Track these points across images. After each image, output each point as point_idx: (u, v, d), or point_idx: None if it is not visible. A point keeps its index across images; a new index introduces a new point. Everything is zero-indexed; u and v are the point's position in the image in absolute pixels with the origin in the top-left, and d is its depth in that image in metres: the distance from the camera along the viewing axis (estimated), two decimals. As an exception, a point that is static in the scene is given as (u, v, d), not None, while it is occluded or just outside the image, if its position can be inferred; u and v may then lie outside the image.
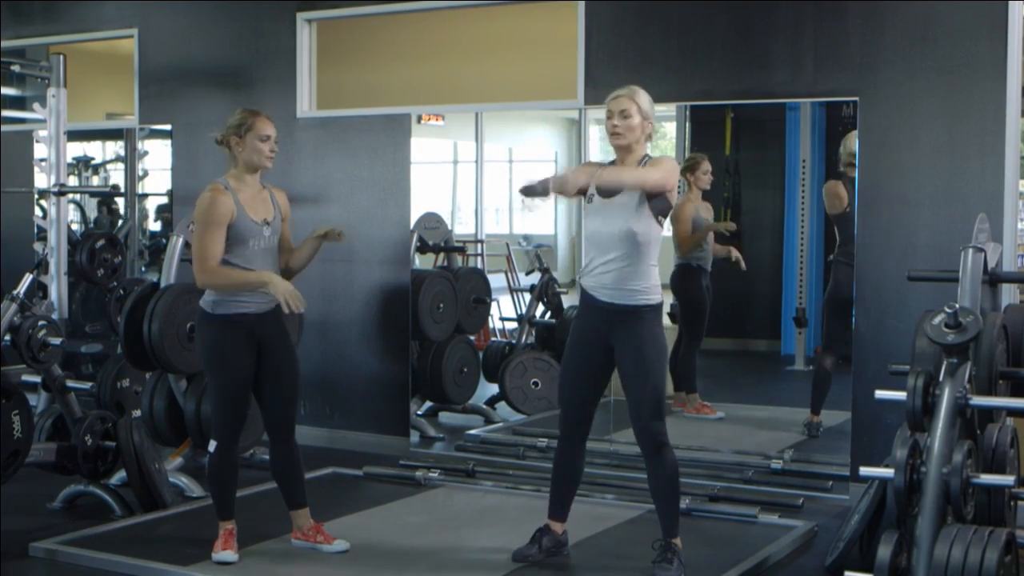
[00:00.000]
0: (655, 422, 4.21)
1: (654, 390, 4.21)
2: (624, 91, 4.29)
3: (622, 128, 4.24)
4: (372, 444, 6.51)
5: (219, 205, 4.25)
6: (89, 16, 7.57)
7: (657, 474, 4.25)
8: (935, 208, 5.18)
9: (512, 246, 9.13)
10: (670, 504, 4.27)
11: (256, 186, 4.41)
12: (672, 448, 4.27)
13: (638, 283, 4.19)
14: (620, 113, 4.24)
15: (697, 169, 6.65)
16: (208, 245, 4.24)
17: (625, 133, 4.24)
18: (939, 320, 3.63)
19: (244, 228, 4.28)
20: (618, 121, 4.24)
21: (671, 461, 4.24)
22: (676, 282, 6.80)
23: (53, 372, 5.32)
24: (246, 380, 4.37)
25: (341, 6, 6.74)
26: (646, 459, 4.27)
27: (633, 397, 4.23)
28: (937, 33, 5.16)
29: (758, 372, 7.80)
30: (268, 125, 4.36)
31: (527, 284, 7.95)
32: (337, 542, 4.55)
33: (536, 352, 7.23)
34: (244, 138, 4.33)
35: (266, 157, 4.35)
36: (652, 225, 4.19)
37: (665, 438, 4.23)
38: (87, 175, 8.78)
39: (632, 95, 4.26)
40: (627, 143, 4.26)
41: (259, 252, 4.32)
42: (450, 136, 9.05)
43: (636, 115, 4.24)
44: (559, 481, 4.48)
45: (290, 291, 4.19)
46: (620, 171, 4.24)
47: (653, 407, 4.20)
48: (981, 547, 3.29)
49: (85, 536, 4.76)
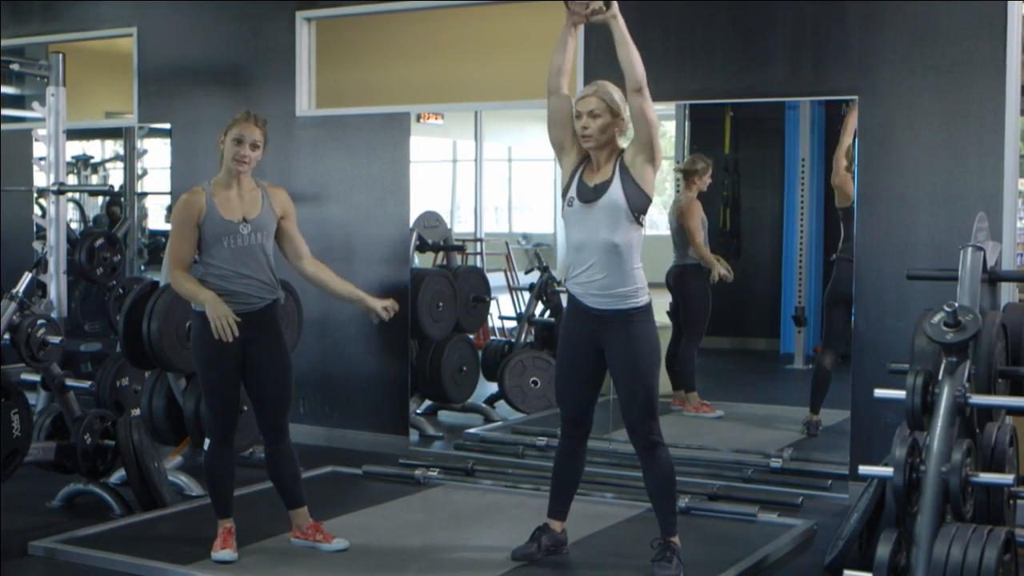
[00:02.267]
0: (648, 422, 4.20)
1: (645, 390, 4.19)
2: (591, 89, 4.21)
3: (592, 130, 4.15)
4: (371, 443, 6.51)
5: (185, 206, 4.30)
6: (88, 15, 7.57)
7: (652, 473, 4.24)
8: (934, 207, 5.18)
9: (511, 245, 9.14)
10: (666, 503, 4.27)
11: (245, 185, 4.37)
12: (666, 447, 4.26)
13: (623, 288, 4.17)
14: (589, 114, 4.15)
15: (704, 175, 6.69)
16: (174, 247, 4.32)
17: (595, 135, 4.16)
18: (938, 319, 3.63)
19: (215, 227, 4.28)
20: (587, 122, 4.16)
21: (665, 460, 4.24)
22: (676, 282, 6.81)
23: (52, 371, 5.32)
24: (232, 377, 4.35)
25: (340, 5, 6.73)
26: (640, 459, 4.27)
27: (625, 398, 4.23)
28: (936, 32, 5.16)
29: (757, 371, 7.82)
30: (248, 128, 4.31)
31: (526, 283, 7.96)
32: (336, 541, 4.54)
33: (535, 351, 7.23)
34: (224, 139, 4.34)
35: (234, 159, 4.30)
36: (632, 232, 4.16)
37: (658, 437, 4.22)
38: (86, 174, 8.78)
39: (599, 93, 4.17)
40: (597, 144, 4.18)
41: (236, 251, 4.29)
42: (449, 135, 9.06)
43: (606, 114, 4.15)
44: (559, 480, 4.48)
45: (220, 317, 4.15)
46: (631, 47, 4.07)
47: (645, 407, 4.19)
48: (980, 546, 3.29)
49: (84, 535, 4.76)
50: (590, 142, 4.18)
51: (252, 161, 4.33)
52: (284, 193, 4.52)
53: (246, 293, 4.31)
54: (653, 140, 4.11)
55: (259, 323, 4.35)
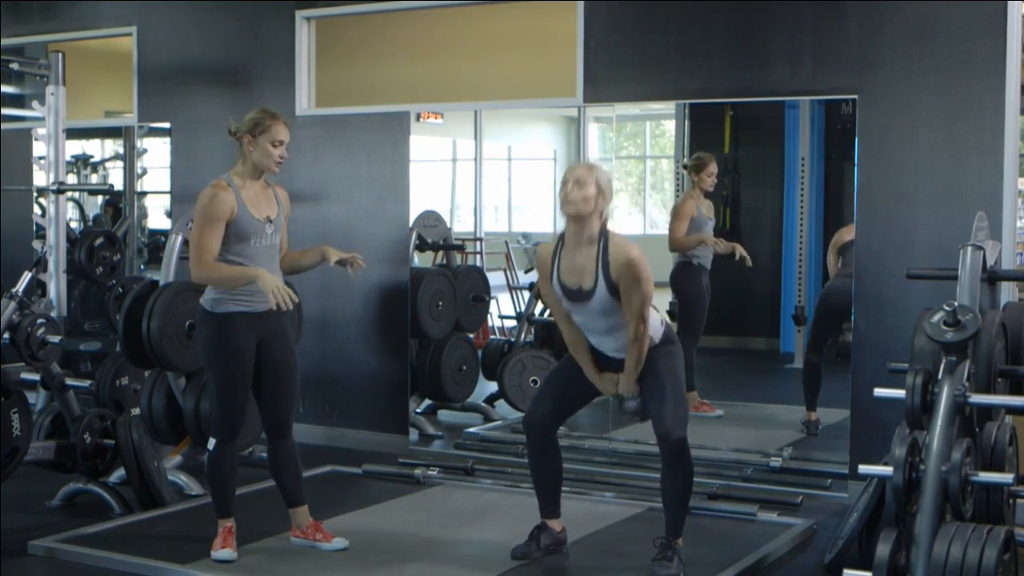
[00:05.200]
0: (678, 430, 4.20)
1: (676, 405, 4.21)
2: (584, 165, 4.27)
3: (576, 197, 4.13)
4: (371, 442, 6.51)
5: (219, 201, 4.24)
6: (88, 14, 7.57)
7: (674, 476, 4.23)
8: (934, 206, 5.18)
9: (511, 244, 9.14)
10: (680, 507, 4.27)
11: (261, 184, 4.40)
12: (691, 454, 4.26)
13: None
14: (575, 181, 4.14)
15: (703, 170, 6.67)
16: (205, 240, 4.23)
17: (578, 203, 4.13)
18: (938, 318, 3.64)
19: (245, 225, 4.28)
20: (572, 188, 4.14)
21: (689, 466, 4.24)
22: (676, 280, 6.80)
23: (52, 370, 5.32)
24: (245, 378, 4.37)
25: (340, 4, 6.73)
26: (665, 462, 4.24)
27: (657, 413, 4.24)
28: (936, 31, 5.16)
29: (757, 370, 7.82)
30: (284, 130, 4.34)
31: (526, 282, 7.95)
32: (336, 540, 4.55)
33: (535, 350, 7.22)
34: (257, 139, 4.31)
35: (275, 162, 4.33)
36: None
37: (686, 444, 4.23)
38: (86, 173, 8.78)
39: (592, 169, 4.20)
40: (578, 213, 4.15)
41: (261, 249, 4.32)
42: (449, 134, 9.05)
43: (592, 186, 4.13)
44: (541, 479, 4.49)
45: (279, 287, 4.18)
46: (634, 361, 4.20)
47: (677, 419, 4.20)
48: (980, 545, 3.29)
49: (84, 534, 4.76)
50: (571, 208, 4.15)
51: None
52: (286, 193, 4.55)
53: (262, 291, 4.31)
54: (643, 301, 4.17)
55: (272, 320, 4.38)
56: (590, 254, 4.19)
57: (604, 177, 4.21)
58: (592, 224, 4.18)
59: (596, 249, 4.18)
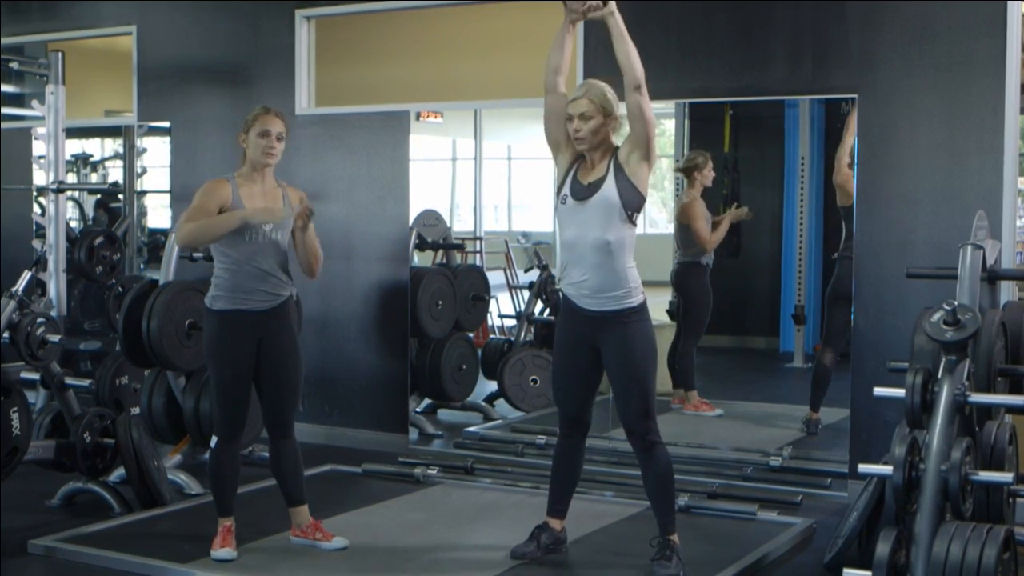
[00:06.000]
0: (645, 421, 4.20)
1: (641, 390, 4.19)
2: (581, 91, 4.21)
3: (584, 132, 4.15)
4: (371, 441, 6.51)
5: (212, 190, 4.29)
6: (88, 13, 7.57)
7: (650, 472, 4.25)
8: (934, 205, 5.18)
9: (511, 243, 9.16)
10: (665, 502, 4.27)
11: (268, 183, 4.41)
12: (664, 446, 4.26)
13: (617, 289, 4.17)
14: (580, 116, 4.15)
15: (705, 168, 6.68)
16: (190, 214, 4.25)
17: (588, 137, 4.16)
18: (938, 317, 3.64)
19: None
20: (579, 124, 4.16)
21: (663, 459, 4.23)
22: (681, 279, 6.80)
23: (52, 369, 5.32)
24: (246, 376, 4.37)
25: (340, 3, 6.73)
26: (638, 458, 4.27)
27: (621, 398, 4.23)
28: (936, 30, 5.16)
29: (757, 369, 7.82)
30: (273, 121, 4.34)
31: (526, 281, 7.96)
32: (336, 539, 4.54)
33: (535, 349, 7.23)
34: (248, 134, 4.34)
35: (263, 152, 4.33)
36: (625, 230, 4.16)
37: (656, 436, 4.22)
38: (86, 172, 8.78)
39: (589, 94, 4.17)
40: (591, 146, 4.19)
41: (257, 246, 4.31)
42: (449, 133, 9.06)
43: (597, 115, 4.15)
44: (558, 479, 4.48)
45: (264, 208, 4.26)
46: (629, 44, 4.09)
47: (642, 407, 4.19)
48: (980, 544, 3.29)
49: (84, 533, 4.76)
50: (583, 144, 4.19)
51: (278, 153, 4.38)
52: (299, 194, 4.53)
53: (262, 290, 4.32)
54: (649, 138, 4.11)
55: (274, 319, 4.37)
56: (603, 166, 4.20)
57: (606, 98, 4.17)
58: (606, 146, 4.20)
59: (608, 162, 4.19)
